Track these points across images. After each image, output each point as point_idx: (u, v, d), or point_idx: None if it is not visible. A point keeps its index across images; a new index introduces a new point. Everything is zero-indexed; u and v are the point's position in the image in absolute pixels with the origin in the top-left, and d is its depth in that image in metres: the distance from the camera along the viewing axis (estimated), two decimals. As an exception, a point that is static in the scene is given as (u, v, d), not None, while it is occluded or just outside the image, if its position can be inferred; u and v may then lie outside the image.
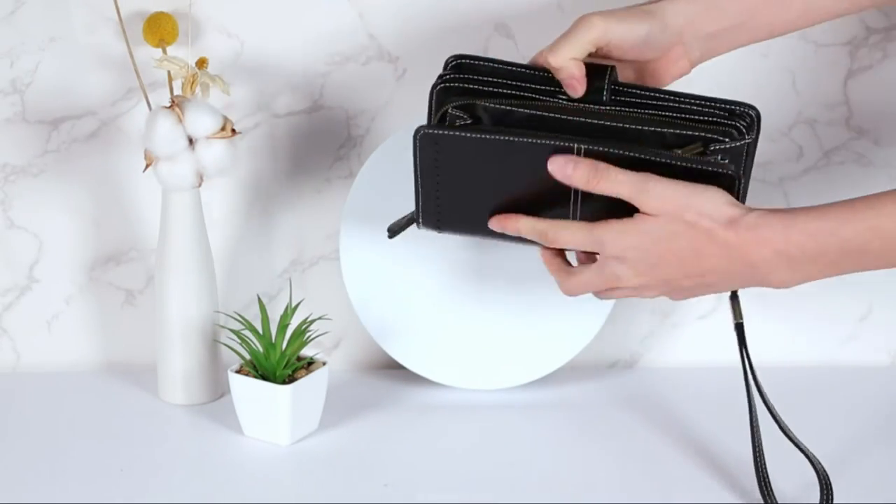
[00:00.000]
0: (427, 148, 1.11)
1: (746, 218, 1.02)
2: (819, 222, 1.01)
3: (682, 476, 1.20)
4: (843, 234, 1.00)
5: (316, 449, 1.24)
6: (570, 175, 1.06)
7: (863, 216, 1.00)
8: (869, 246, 1.00)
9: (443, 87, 1.12)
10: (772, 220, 1.02)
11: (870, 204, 1.01)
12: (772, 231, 1.01)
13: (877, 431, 1.27)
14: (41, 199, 1.37)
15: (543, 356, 1.34)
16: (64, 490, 1.17)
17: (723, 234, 1.02)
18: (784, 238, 1.01)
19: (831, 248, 1.01)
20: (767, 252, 1.02)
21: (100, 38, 1.33)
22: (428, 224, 1.17)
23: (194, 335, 1.31)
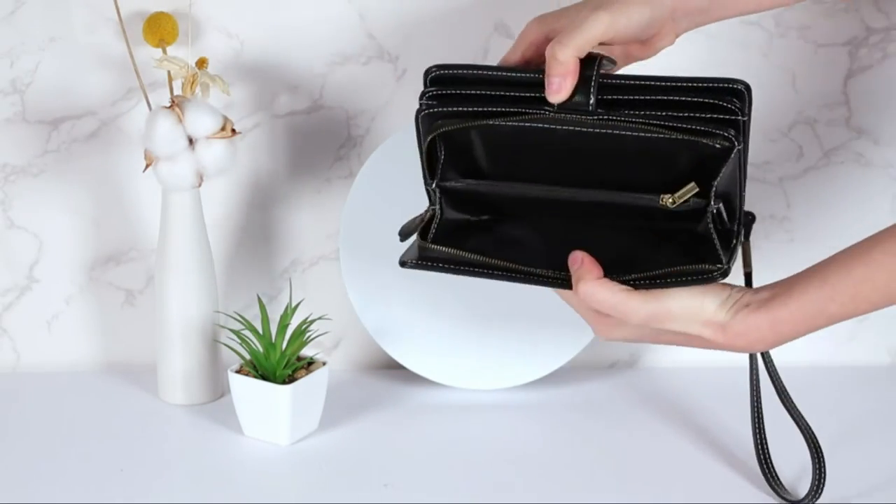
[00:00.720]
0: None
1: (733, 325, 1.03)
2: (803, 310, 1.03)
3: (682, 476, 1.20)
4: (829, 312, 1.03)
5: (316, 449, 1.24)
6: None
7: (841, 289, 1.03)
8: (856, 311, 1.04)
9: (427, 113, 1.11)
10: (758, 322, 1.03)
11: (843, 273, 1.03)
12: (760, 333, 1.04)
13: (876, 432, 1.27)
14: (41, 199, 1.37)
15: (543, 356, 1.34)
16: (64, 490, 1.17)
17: (711, 337, 1.04)
18: (773, 333, 1.04)
19: (819, 323, 1.04)
20: (758, 346, 1.05)
21: (100, 38, 1.33)
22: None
23: (194, 335, 1.31)
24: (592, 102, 1.07)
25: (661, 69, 1.26)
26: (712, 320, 1.04)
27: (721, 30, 1.34)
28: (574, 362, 1.36)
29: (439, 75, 1.11)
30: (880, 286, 1.01)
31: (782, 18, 1.34)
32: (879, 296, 1.02)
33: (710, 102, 1.05)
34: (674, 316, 1.04)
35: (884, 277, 1.01)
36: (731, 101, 1.05)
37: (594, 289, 1.05)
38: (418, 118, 1.10)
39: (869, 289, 1.01)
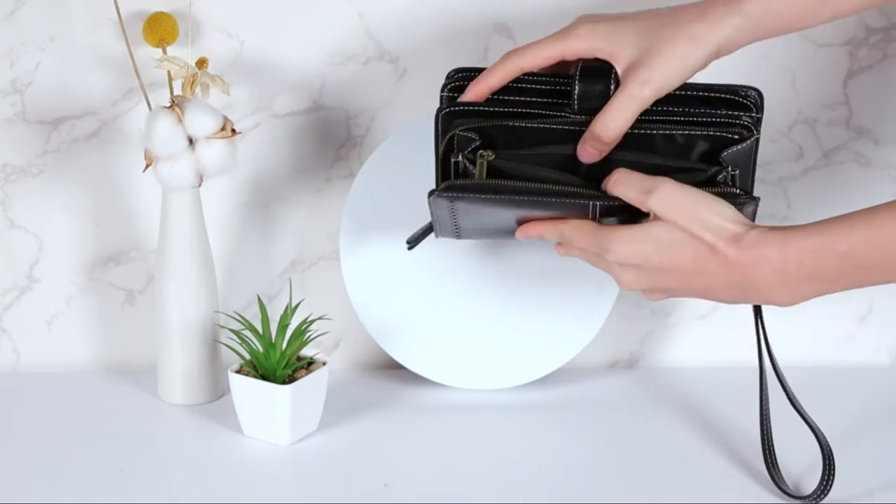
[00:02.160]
0: (441, 203, 1.11)
1: (748, 236, 1.03)
2: (815, 238, 1.02)
3: (682, 476, 1.19)
4: (840, 249, 1.01)
5: (316, 449, 1.24)
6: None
7: (859, 229, 1.01)
8: (866, 260, 1.00)
9: (447, 111, 1.12)
10: (770, 238, 1.02)
11: (865, 217, 1.01)
12: (770, 249, 1.02)
13: (877, 432, 1.27)
14: (41, 199, 1.37)
15: (543, 356, 1.34)
16: (64, 490, 1.17)
17: (724, 251, 1.04)
18: (781, 255, 1.02)
19: (829, 264, 1.01)
20: (766, 270, 1.03)
21: (100, 38, 1.33)
22: (444, 231, 1.18)
23: (194, 335, 1.31)
24: None
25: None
26: (730, 228, 1.03)
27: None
28: (574, 362, 1.36)
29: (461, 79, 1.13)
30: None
31: (782, 18, 1.34)
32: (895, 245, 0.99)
33: (727, 98, 1.08)
34: (698, 209, 1.04)
35: None
36: (748, 98, 1.10)
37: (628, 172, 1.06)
38: (438, 117, 1.11)
39: (885, 236, 0.99)
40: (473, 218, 1.14)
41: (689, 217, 1.04)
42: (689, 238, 1.05)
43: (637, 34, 1.09)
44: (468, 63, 1.34)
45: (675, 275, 1.07)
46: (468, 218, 1.14)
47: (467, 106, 1.12)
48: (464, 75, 1.15)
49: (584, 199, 1.08)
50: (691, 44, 1.07)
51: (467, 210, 1.12)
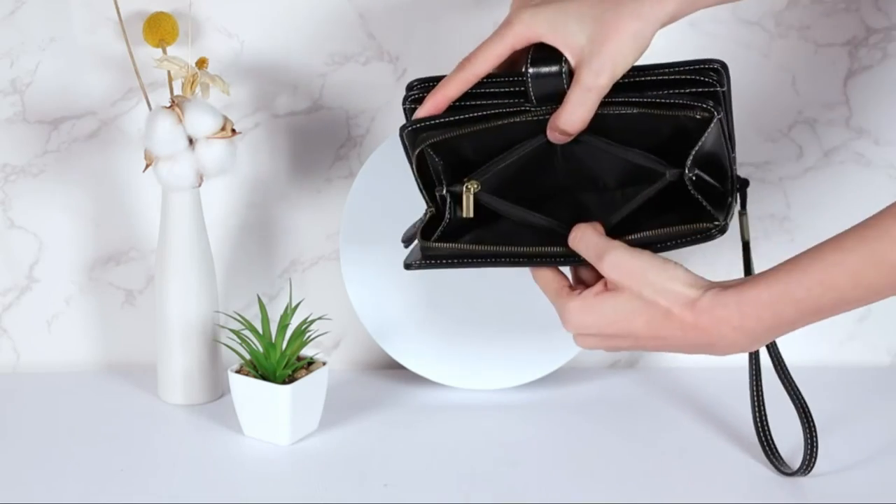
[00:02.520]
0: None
1: (702, 299, 1.03)
2: (771, 290, 1.01)
3: (682, 475, 1.20)
4: (796, 296, 1.01)
5: (316, 449, 1.24)
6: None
7: (811, 272, 1.00)
8: (822, 301, 1.00)
9: (410, 129, 1.11)
10: (726, 300, 1.02)
11: (816, 258, 1.01)
12: (726, 311, 1.02)
13: (877, 432, 1.27)
14: (41, 199, 1.37)
15: (543, 356, 1.34)
16: (64, 490, 1.17)
17: (679, 315, 1.03)
18: (739, 314, 1.02)
19: (787, 312, 1.01)
20: (725, 330, 1.03)
21: (100, 38, 1.33)
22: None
23: (194, 335, 1.31)
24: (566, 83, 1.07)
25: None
26: (684, 293, 1.03)
27: (721, 30, 1.34)
28: (574, 362, 1.36)
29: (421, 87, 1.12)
30: (849, 272, 0.98)
31: (782, 18, 1.34)
32: (848, 283, 0.99)
33: (687, 79, 1.07)
34: (649, 275, 1.03)
35: (853, 264, 0.98)
36: (708, 75, 1.07)
37: (586, 231, 1.07)
38: (402, 135, 1.11)
39: (837, 274, 0.99)
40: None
41: (640, 283, 1.04)
42: (643, 304, 1.04)
43: (581, 20, 1.06)
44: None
45: (631, 340, 1.07)
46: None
47: (428, 121, 1.10)
48: (424, 86, 1.13)
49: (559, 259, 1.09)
50: (638, 22, 1.05)
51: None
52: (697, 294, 1.03)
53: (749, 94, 1.35)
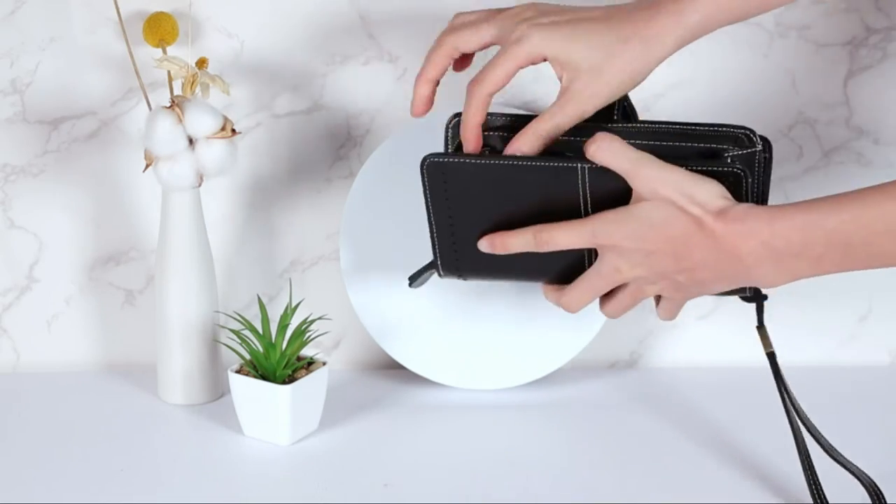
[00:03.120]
0: (435, 177, 1.10)
1: (735, 209, 1.02)
2: (804, 214, 1.01)
3: (682, 475, 1.20)
4: (827, 225, 1.00)
5: (316, 449, 1.24)
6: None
7: (848, 207, 1.00)
8: (853, 238, 1.00)
9: (457, 121, 1.12)
10: (759, 212, 1.02)
11: (855, 196, 1.01)
12: (758, 222, 1.02)
13: (877, 432, 1.27)
14: (41, 199, 1.37)
15: (543, 356, 1.34)
16: (64, 490, 1.17)
17: (711, 224, 1.03)
18: (769, 229, 1.01)
19: (816, 240, 1.01)
20: (753, 243, 1.02)
21: (100, 38, 1.33)
22: (448, 269, 1.16)
23: (194, 335, 1.31)
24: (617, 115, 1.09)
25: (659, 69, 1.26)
26: (716, 203, 1.03)
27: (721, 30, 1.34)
28: (574, 362, 1.36)
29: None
30: (885, 215, 0.99)
31: (782, 18, 1.34)
32: (882, 225, 0.99)
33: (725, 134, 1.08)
34: (683, 189, 1.03)
35: (892, 208, 0.98)
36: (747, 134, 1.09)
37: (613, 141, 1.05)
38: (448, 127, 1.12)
39: (874, 215, 0.99)
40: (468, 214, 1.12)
41: (674, 191, 1.03)
42: (677, 213, 1.04)
43: (589, 46, 1.07)
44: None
45: (667, 254, 1.05)
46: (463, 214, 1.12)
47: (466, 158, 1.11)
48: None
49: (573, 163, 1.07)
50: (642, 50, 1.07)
51: (461, 198, 1.10)
52: (729, 204, 1.03)
53: (749, 94, 1.36)
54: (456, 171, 1.09)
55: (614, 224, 1.06)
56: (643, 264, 1.07)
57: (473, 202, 1.11)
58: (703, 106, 1.36)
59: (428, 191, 1.11)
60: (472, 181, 1.10)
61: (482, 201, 1.10)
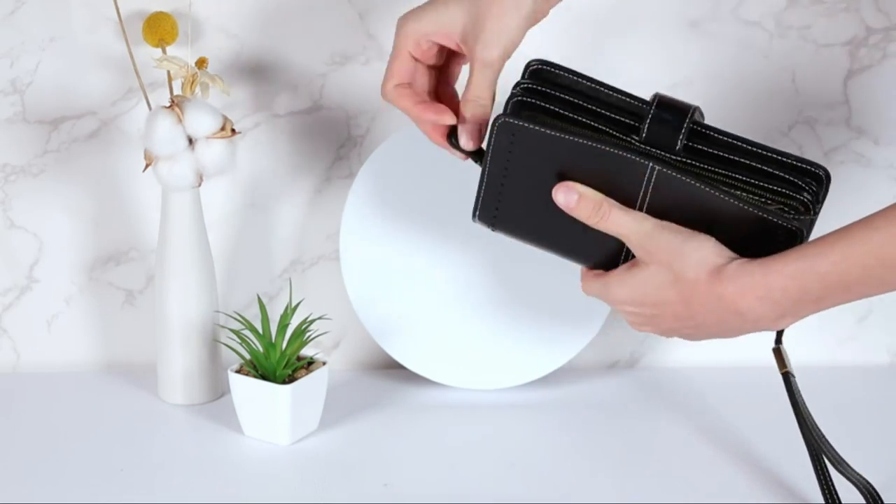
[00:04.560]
0: (503, 136, 1.09)
1: (728, 268, 1.04)
2: (796, 263, 1.03)
3: (682, 476, 1.20)
4: (820, 270, 1.02)
5: (316, 449, 1.24)
6: (573, 208, 1.08)
7: (835, 248, 1.02)
8: (847, 277, 1.01)
9: (518, 100, 1.11)
10: (752, 269, 1.04)
11: (841, 235, 1.02)
12: (752, 279, 1.03)
13: (877, 432, 1.27)
14: (41, 199, 1.37)
15: (543, 356, 1.34)
16: (64, 490, 1.17)
17: (706, 285, 1.05)
18: (764, 284, 1.03)
19: (812, 285, 1.03)
20: (751, 300, 1.04)
21: (100, 38, 1.33)
22: (484, 217, 1.14)
23: (194, 335, 1.31)
24: (680, 145, 1.08)
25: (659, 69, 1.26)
26: (710, 261, 1.04)
27: (721, 30, 1.34)
28: (574, 362, 1.36)
29: (539, 69, 1.12)
30: (875, 249, 1.00)
31: (782, 18, 1.34)
32: (873, 260, 1.00)
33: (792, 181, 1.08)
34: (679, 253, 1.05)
35: (880, 241, 0.99)
36: (810, 185, 1.09)
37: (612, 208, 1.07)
38: (508, 102, 1.11)
39: (864, 251, 1.00)
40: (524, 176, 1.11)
41: (671, 256, 1.06)
42: (673, 276, 1.06)
43: (459, 5, 1.10)
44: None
45: (668, 314, 1.08)
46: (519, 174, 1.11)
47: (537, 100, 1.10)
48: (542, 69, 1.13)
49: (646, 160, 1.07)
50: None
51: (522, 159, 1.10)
52: (723, 262, 1.04)
53: (749, 94, 1.36)
54: (527, 135, 1.09)
55: (619, 286, 1.09)
56: (649, 324, 1.10)
57: (534, 167, 1.10)
58: (703, 106, 1.35)
59: (492, 145, 1.10)
60: (539, 149, 1.09)
61: (543, 169, 1.10)
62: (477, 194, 1.13)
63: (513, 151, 1.10)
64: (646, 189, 1.07)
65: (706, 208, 1.07)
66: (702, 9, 1.34)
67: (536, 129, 1.08)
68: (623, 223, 1.07)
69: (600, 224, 1.08)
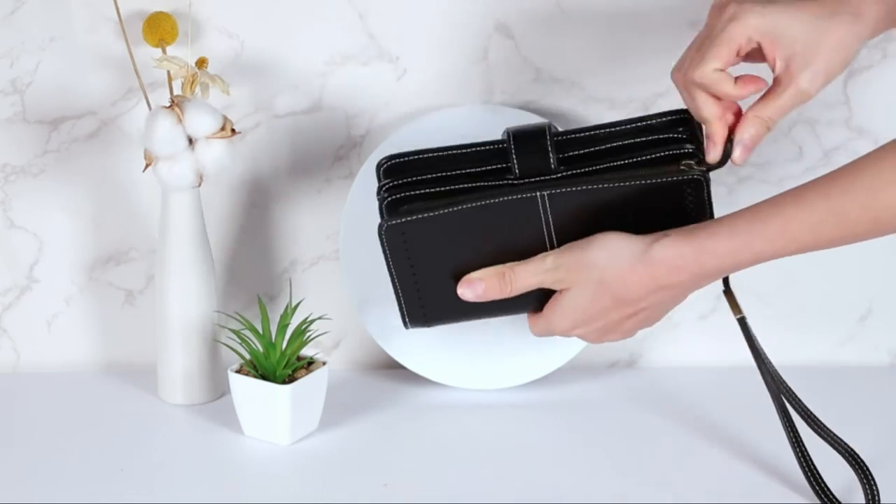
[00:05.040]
0: (395, 240, 1.13)
1: (652, 251, 1.05)
2: (731, 241, 1.04)
3: (681, 476, 1.20)
4: (756, 247, 1.03)
5: (316, 449, 1.24)
6: (482, 294, 1.12)
7: (771, 225, 1.03)
8: (783, 251, 1.03)
9: (389, 201, 1.13)
10: (683, 250, 1.05)
11: (774, 211, 1.03)
12: (684, 261, 1.05)
13: (877, 431, 1.27)
14: (41, 199, 1.37)
15: (543, 356, 1.34)
16: (64, 490, 1.17)
17: (634, 276, 1.06)
18: (698, 263, 1.05)
19: (745, 259, 1.04)
20: (684, 276, 1.06)
21: (100, 38, 1.33)
22: (415, 321, 1.19)
23: (194, 335, 1.31)
24: (553, 161, 1.09)
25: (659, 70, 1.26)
26: (627, 253, 1.05)
27: (721, 30, 1.34)
28: (574, 362, 1.36)
29: (390, 165, 1.14)
30: (810, 226, 1.01)
31: (782, 18, 1.34)
32: (808, 237, 1.01)
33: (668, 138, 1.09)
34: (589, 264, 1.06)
35: (814, 218, 1.01)
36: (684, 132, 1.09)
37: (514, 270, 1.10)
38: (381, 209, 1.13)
39: (798, 228, 1.01)
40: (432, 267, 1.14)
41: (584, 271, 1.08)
42: (598, 286, 1.08)
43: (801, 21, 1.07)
44: (468, 64, 1.34)
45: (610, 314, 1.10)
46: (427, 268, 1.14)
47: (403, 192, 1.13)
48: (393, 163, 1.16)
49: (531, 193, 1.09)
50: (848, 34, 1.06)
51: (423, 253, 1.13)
52: (643, 247, 1.05)
53: (749, 94, 1.35)
54: (416, 227, 1.12)
55: (560, 317, 1.11)
56: (606, 335, 1.13)
57: (437, 252, 1.14)
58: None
59: (388, 251, 1.13)
60: (433, 233, 1.12)
61: (446, 250, 1.13)
62: (399, 306, 1.17)
63: (410, 248, 1.13)
64: (546, 218, 1.10)
65: (610, 206, 1.08)
66: (702, 9, 1.34)
67: (422, 217, 1.10)
68: (530, 273, 1.10)
69: (514, 290, 1.10)
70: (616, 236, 1.07)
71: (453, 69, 1.34)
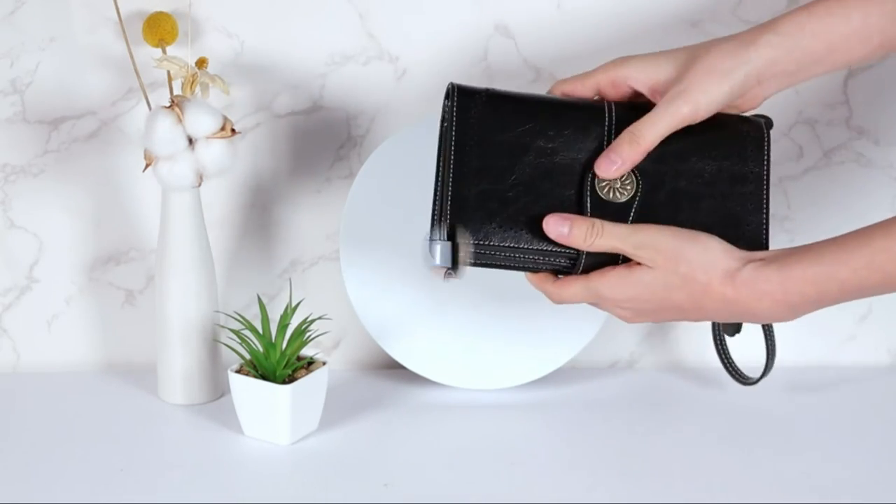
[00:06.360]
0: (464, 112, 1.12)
1: (742, 273, 1.04)
2: (816, 268, 1.03)
3: (681, 476, 1.20)
4: (841, 277, 1.02)
5: (316, 449, 1.24)
6: (567, 235, 1.09)
7: (859, 254, 1.02)
8: (867, 282, 1.02)
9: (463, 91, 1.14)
10: (769, 275, 1.04)
11: (862, 241, 1.03)
12: (769, 285, 1.04)
13: (876, 431, 1.27)
14: (41, 199, 1.37)
15: (543, 356, 1.34)
16: (64, 490, 1.17)
17: (719, 289, 1.05)
18: (782, 290, 1.03)
19: (831, 291, 1.04)
20: (767, 303, 1.05)
21: (100, 38, 1.33)
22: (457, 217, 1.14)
23: (194, 335, 1.31)
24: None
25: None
26: (722, 265, 1.04)
27: (722, 30, 1.34)
28: (574, 362, 1.36)
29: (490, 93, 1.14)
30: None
31: (782, 18, 1.34)
32: (894, 267, 1.01)
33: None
34: (684, 256, 1.05)
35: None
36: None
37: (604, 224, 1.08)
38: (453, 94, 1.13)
39: (885, 259, 1.01)
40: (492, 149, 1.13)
41: (675, 259, 1.06)
42: (681, 280, 1.06)
43: (674, 57, 1.10)
44: (468, 64, 1.34)
45: (672, 311, 1.08)
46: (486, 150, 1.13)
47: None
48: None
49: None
50: (729, 61, 1.08)
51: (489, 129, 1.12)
52: (737, 266, 1.04)
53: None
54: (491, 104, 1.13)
55: (617, 287, 1.08)
56: (646, 316, 1.10)
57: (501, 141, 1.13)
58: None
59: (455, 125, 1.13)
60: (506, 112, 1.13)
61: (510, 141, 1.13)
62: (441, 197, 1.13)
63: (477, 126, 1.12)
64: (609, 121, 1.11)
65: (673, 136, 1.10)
66: (702, 9, 1.34)
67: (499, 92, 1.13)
68: (616, 236, 1.07)
69: (596, 245, 1.08)
70: (719, 244, 1.06)
71: (453, 69, 1.34)
